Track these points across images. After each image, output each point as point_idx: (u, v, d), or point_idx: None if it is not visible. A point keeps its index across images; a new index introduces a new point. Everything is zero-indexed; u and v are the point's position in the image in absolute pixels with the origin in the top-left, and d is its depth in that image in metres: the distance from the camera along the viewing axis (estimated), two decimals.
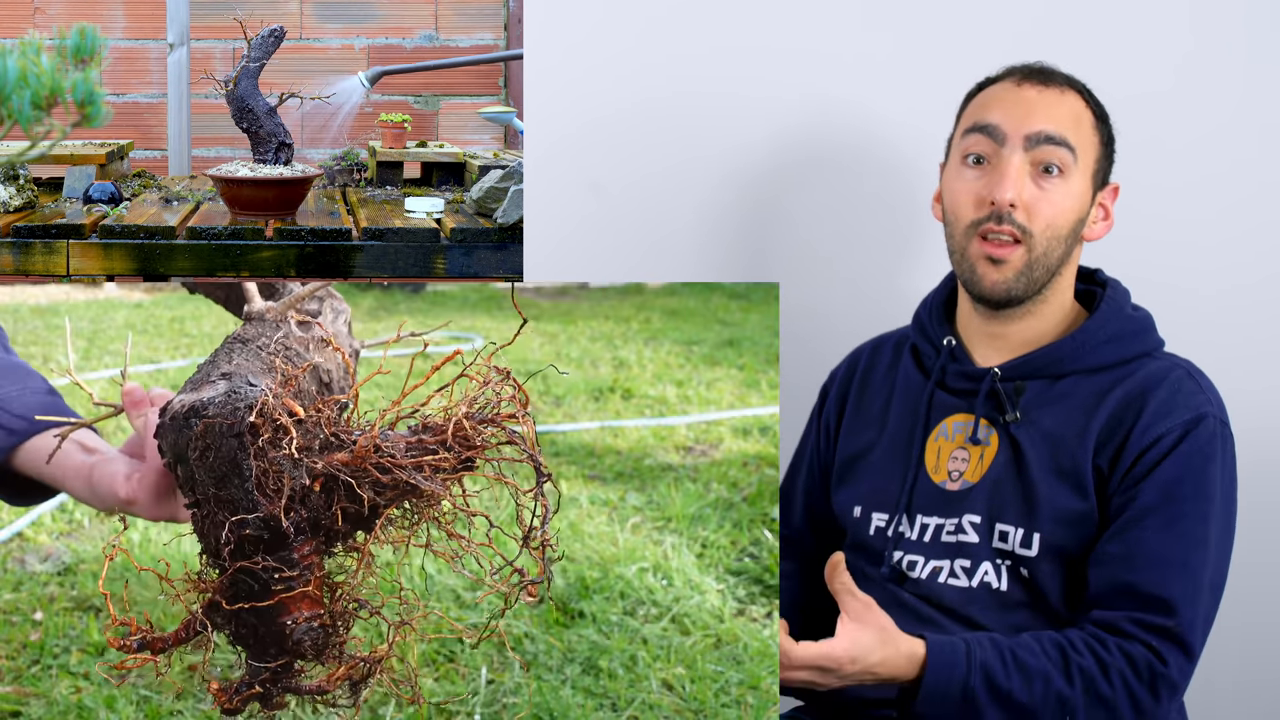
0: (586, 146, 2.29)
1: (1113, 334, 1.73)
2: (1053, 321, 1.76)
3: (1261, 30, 2.24)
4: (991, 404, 1.75)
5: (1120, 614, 1.61)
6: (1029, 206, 1.68)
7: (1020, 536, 1.69)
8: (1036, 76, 1.73)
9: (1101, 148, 1.74)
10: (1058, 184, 1.69)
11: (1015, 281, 1.70)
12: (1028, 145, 1.69)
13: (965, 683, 1.57)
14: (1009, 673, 1.58)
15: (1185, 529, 1.62)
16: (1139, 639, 1.59)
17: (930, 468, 1.78)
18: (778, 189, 2.30)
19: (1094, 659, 1.59)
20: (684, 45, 2.28)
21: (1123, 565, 1.63)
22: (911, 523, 1.77)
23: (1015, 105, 1.71)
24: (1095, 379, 1.71)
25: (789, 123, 2.28)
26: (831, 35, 2.28)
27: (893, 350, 1.90)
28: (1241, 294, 2.24)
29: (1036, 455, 1.70)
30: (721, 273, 2.33)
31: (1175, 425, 1.65)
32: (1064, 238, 1.70)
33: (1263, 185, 2.24)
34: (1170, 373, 1.70)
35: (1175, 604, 1.60)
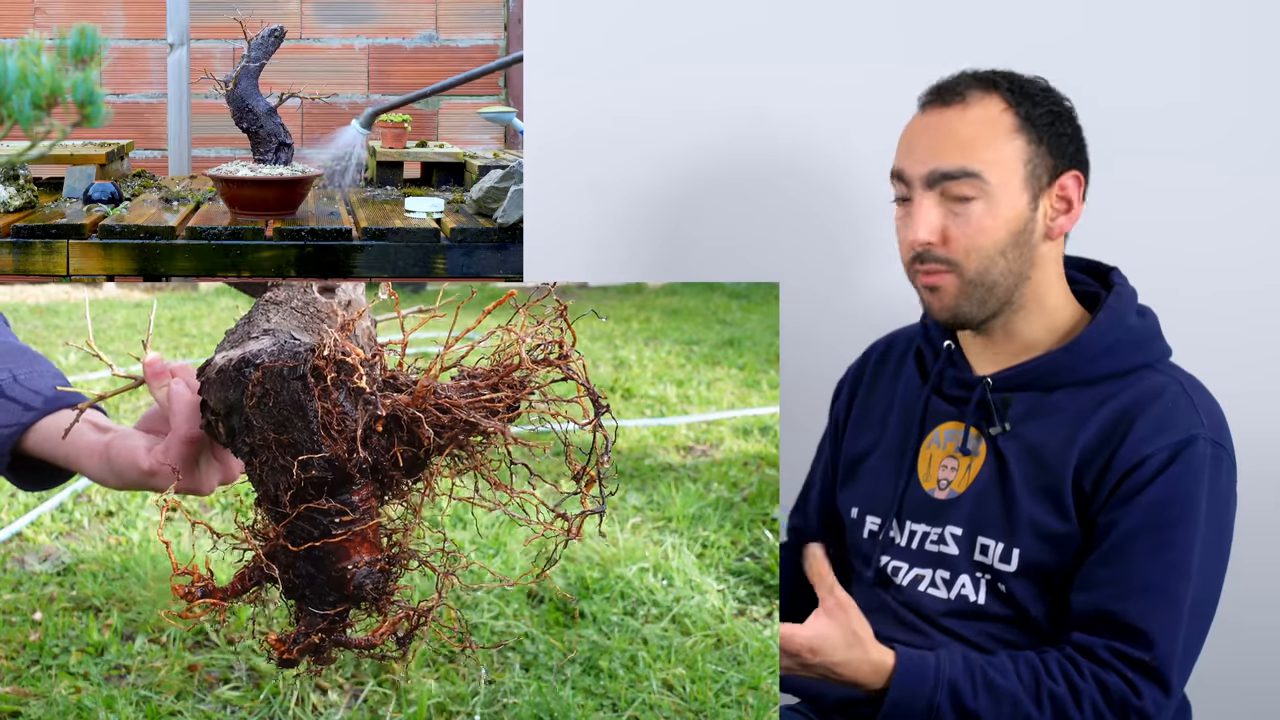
0: (586, 146, 2.29)
1: (1110, 345, 1.68)
2: (1041, 327, 1.72)
3: (1266, 38, 2.24)
4: (981, 414, 1.72)
5: (1099, 640, 1.58)
6: (945, 238, 1.66)
7: (1000, 551, 1.67)
8: (938, 98, 1.69)
9: (1031, 147, 1.67)
10: (974, 207, 1.65)
11: (959, 304, 1.68)
12: (928, 184, 1.67)
13: (931, 700, 1.56)
14: (977, 693, 1.57)
15: (1170, 558, 1.58)
16: (1115, 669, 1.57)
17: (922, 475, 1.77)
18: (779, 188, 2.30)
19: (1067, 684, 1.56)
20: (685, 45, 2.28)
21: (1104, 592, 1.59)
22: (901, 529, 1.76)
23: (917, 142, 1.69)
24: (1090, 391, 1.67)
25: (790, 122, 2.28)
26: (832, 34, 2.28)
27: (901, 350, 1.89)
28: (1245, 300, 2.24)
29: (1020, 470, 1.67)
30: (721, 273, 2.33)
31: (1164, 447, 1.60)
32: (998, 253, 1.66)
33: (1268, 193, 2.24)
34: (1165, 390, 1.64)
35: (1154, 637, 1.56)
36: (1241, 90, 2.24)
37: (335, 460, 1.14)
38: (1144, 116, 2.20)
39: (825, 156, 2.28)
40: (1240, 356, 2.05)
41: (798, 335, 2.24)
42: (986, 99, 1.67)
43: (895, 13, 2.27)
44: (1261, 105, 2.24)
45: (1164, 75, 2.23)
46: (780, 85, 2.27)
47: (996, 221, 1.65)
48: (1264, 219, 2.24)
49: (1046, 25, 2.25)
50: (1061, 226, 1.69)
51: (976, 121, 1.66)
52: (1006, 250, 1.66)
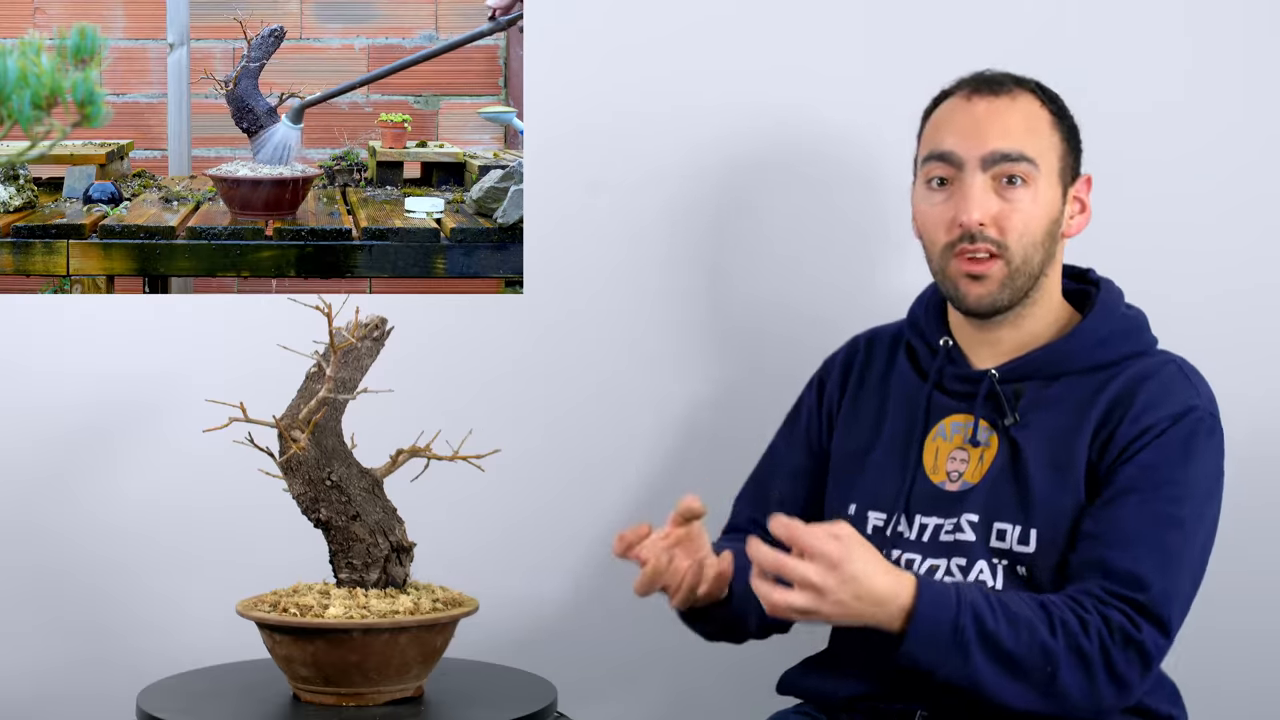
0: (586, 146, 2.29)
1: (1107, 334, 1.74)
2: (1044, 323, 1.77)
3: (1260, 38, 2.25)
4: (991, 406, 1.75)
5: (1095, 585, 1.60)
6: (998, 221, 1.70)
7: (1018, 534, 1.69)
8: (985, 87, 1.74)
9: (1063, 144, 1.74)
10: (1023, 193, 1.70)
11: (1000, 293, 1.72)
12: (985, 166, 1.70)
13: (956, 619, 1.54)
14: (997, 618, 1.55)
15: (1160, 510, 1.62)
16: (1115, 605, 1.59)
17: (929, 468, 1.78)
18: (780, 187, 2.30)
19: (1075, 616, 1.58)
20: (685, 44, 2.28)
21: (1097, 542, 1.63)
22: (910, 523, 1.77)
23: (967, 125, 1.72)
24: (1090, 379, 1.72)
25: (790, 120, 2.28)
26: (832, 34, 2.28)
27: (888, 347, 1.90)
28: (1238, 299, 2.24)
29: (1034, 454, 1.70)
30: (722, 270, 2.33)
31: (1163, 417, 1.66)
32: (1040, 243, 1.72)
33: (1262, 194, 2.25)
34: (1162, 369, 1.72)
35: (1148, 580, 1.59)
36: (1229, 95, 2.25)
37: None
38: (1130, 121, 2.21)
39: (828, 154, 2.28)
40: (1228, 359, 2.06)
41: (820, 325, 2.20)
42: (1026, 95, 1.74)
43: (897, 19, 2.27)
44: (1249, 110, 2.25)
45: (1149, 79, 2.24)
46: (779, 78, 2.27)
47: (1041, 210, 1.71)
48: (1249, 224, 2.26)
49: (1042, 24, 2.26)
50: (1077, 225, 1.77)
51: (1024, 112, 1.73)
52: (1043, 241, 1.72)
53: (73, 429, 2.24)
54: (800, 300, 2.28)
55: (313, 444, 1.73)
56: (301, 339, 1.80)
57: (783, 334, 2.27)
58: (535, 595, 2.29)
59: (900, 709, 1.73)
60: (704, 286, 2.30)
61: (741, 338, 2.30)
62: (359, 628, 1.70)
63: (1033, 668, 1.55)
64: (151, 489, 2.25)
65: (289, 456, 1.73)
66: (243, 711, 1.78)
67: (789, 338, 2.26)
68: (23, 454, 2.24)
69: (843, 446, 1.88)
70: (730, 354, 2.31)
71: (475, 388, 2.28)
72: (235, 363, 2.23)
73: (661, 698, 2.33)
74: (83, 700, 2.24)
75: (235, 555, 2.23)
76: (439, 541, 1.90)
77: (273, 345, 1.82)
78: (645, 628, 2.22)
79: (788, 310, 2.28)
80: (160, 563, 2.26)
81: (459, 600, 1.81)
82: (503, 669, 1.97)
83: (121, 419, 2.25)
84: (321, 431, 1.74)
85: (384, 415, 1.85)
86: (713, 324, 2.31)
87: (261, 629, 1.76)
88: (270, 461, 1.76)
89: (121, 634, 2.26)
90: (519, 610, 2.28)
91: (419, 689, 1.80)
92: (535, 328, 2.30)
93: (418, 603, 1.75)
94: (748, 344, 2.30)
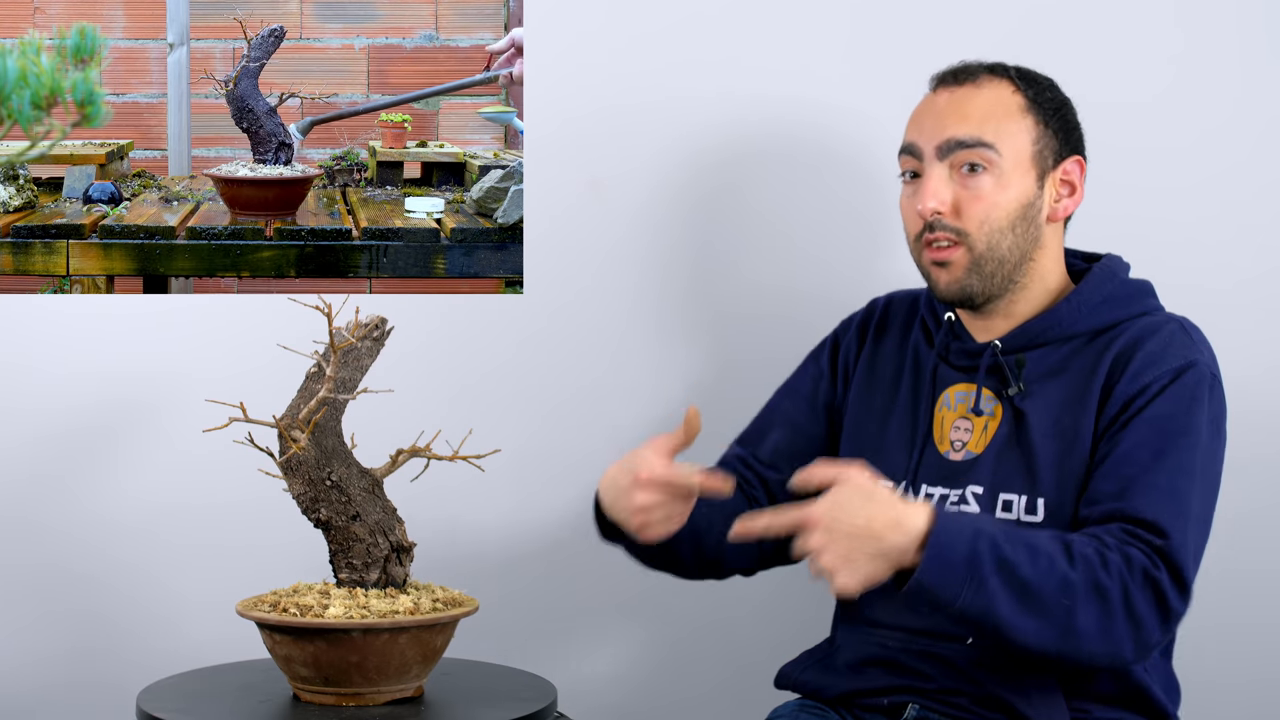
0: (586, 146, 2.29)
1: (1107, 296, 1.75)
2: (1040, 305, 1.78)
3: (1254, 30, 2.24)
4: (995, 377, 1.77)
5: (1115, 526, 1.60)
6: (957, 208, 1.72)
7: (1024, 503, 1.69)
8: (951, 79, 1.77)
9: (1039, 128, 1.74)
10: (984, 180, 1.72)
11: (967, 279, 1.73)
12: (941, 155, 1.73)
13: (973, 546, 1.51)
14: (1015, 546, 1.53)
15: (1172, 461, 1.62)
16: (1135, 545, 1.57)
17: (936, 438, 1.79)
18: (781, 187, 2.30)
19: (1095, 551, 1.56)
20: (685, 44, 2.28)
21: (1112, 498, 1.62)
22: (917, 492, 1.78)
23: (928, 117, 1.76)
24: (1093, 346, 1.73)
25: (790, 117, 2.28)
26: (828, 24, 2.28)
27: (904, 312, 1.91)
28: (1243, 291, 2.24)
29: (1039, 422, 1.71)
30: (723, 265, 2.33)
31: (1165, 372, 1.67)
32: (1007, 228, 1.72)
33: (1262, 186, 2.24)
34: (1164, 326, 1.72)
35: (1166, 528, 1.58)
36: (1226, 87, 2.25)
37: None
38: (1128, 112, 2.21)
39: (830, 153, 2.28)
40: (1228, 358, 2.05)
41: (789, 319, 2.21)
42: (996, 81, 1.75)
43: (894, 18, 2.27)
44: (1243, 103, 2.25)
45: (1143, 71, 2.24)
46: (778, 75, 2.28)
47: (1006, 196, 1.72)
48: (1244, 217, 2.25)
49: (1037, 22, 2.26)
50: (1065, 209, 1.77)
51: (988, 99, 1.74)
52: (1014, 226, 1.72)
53: (73, 429, 2.25)
54: (803, 299, 2.28)
55: (313, 444, 1.73)
56: (301, 339, 1.80)
57: (785, 333, 2.27)
58: (535, 595, 2.30)
59: (894, 702, 1.74)
60: (705, 286, 2.31)
61: (743, 337, 2.31)
62: (359, 628, 1.70)
63: (1050, 601, 1.52)
64: (151, 489, 2.25)
65: (289, 456, 1.73)
66: (243, 711, 1.78)
67: (791, 337, 2.26)
68: (23, 454, 2.24)
69: (858, 406, 1.89)
70: (732, 353, 2.31)
71: (475, 388, 2.28)
72: (235, 363, 2.23)
73: (661, 697, 2.33)
74: (83, 699, 2.24)
75: (235, 555, 2.23)
76: (439, 541, 1.90)
77: (273, 345, 1.82)
78: (645, 628, 2.22)
79: (790, 309, 2.28)
80: (160, 562, 2.26)
81: (459, 600, 1.81)
82: (503, 669, 1.97)
83: (122, 419, 2.25)
84: (321, 431, 1.74)
85: (384, 415, 1.85)
86: (714, 324, 2.31)
87: (261, 629, 1.76)
88: (270, 461, 1.76)
89: (122, 633, 2.26)
90: (519, 610, 2.28)
91: (419, 689, 1.80)
92: (535, 328, 2.30)
93: (418, 603, 1.75)
94: (749, 344, 2.30)
